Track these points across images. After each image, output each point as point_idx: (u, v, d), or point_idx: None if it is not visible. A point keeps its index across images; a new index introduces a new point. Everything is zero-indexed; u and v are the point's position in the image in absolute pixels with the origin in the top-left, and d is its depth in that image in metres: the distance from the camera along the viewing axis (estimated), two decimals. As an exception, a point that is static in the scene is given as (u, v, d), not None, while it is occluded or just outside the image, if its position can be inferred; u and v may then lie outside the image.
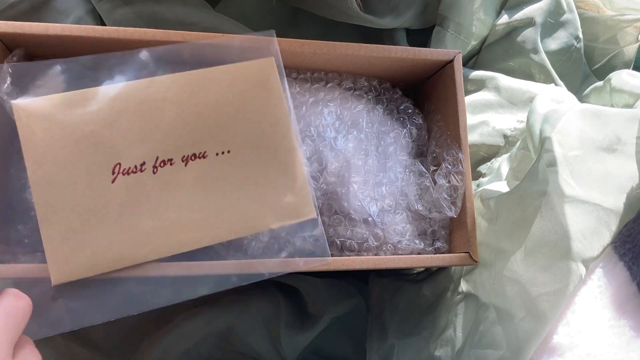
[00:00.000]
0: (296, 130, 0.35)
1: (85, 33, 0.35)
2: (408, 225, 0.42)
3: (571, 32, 0.56)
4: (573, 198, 0.35)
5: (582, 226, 0.34)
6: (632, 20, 0.56)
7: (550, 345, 0.34)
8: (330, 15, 0.52)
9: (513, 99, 0.52)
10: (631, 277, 0.33)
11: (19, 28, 0.35)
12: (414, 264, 0.39)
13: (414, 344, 0.44)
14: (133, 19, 0.46)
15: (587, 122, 0.37)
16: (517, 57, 0.56)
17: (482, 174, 0.52)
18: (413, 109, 0.46)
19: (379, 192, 0.42)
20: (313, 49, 0.39)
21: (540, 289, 0.34)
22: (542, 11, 0.55)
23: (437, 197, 0.41)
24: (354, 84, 0.45)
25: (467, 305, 0.41)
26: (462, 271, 0.43)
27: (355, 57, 0.40)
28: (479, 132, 0.52)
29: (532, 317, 0.34)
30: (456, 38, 0.56)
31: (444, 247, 0.42)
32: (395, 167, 0.43)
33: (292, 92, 0.42)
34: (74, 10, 0.47)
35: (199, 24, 0.47)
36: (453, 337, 0.41)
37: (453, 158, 0.41)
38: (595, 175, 0.35)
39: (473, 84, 0.55)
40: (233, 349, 0.50)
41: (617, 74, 0.44)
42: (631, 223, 0.34)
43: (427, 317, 0.45)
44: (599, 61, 0.60)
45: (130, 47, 0.37)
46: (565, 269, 0.34)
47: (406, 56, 0.41)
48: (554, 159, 0.36)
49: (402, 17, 0.54)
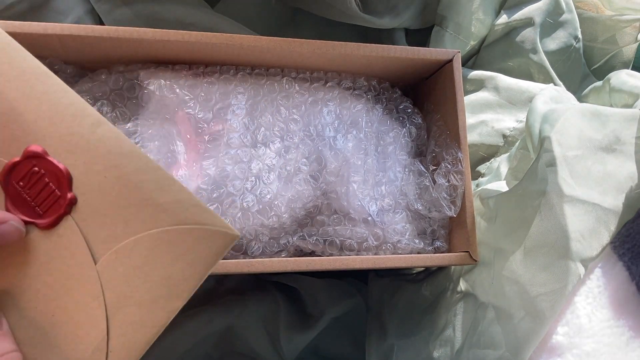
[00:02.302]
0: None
1: (84, 33, 0.35)
2: (407, 224, 0.42)
3: (570, 32, 0.56)
4: (572, 198, 0.35)
5: (581, 226, 0.34)
6: (631, 20, 0.56)
7: (549, 345, 0.34)
8: (330, 15, 0.52)
9: (512, 99, 0.52)
10: (630, 277, 0.33)
11: (18, 28, 0.35)
12: (413, 263, 0.39)
13: (413, 343, 0.44)
14: (132, 19, 0.46)
15: (586, 122, 0.37)
16: (516, 57, 0.56)
17: (481, 174, 0.52)
18: (412, 108, 0.46)
19: (379, 192, 0.42)
20: (312, 48, 0.39)
21: (539, 289, 0.34)
22: (541, 11, 0.55)
23: (436, 196, 0.41)
24: (353, 83, 0.45)
25: (466, 305, 0.41)
26: (461, 271, 0.43)
27: (355, 57, 0.40)
28: (478, 132, 0.52)
29: (531, 317, 0.34)
30: (455, 38, 0.56)
31: (444, 247, 0.42)
32: (395, 166, 0.43)
33: (291, 91, 0.42)
34: (73, 10, 0.47)
35: (198, 24, 0.47)
36: (452, 337, 0.41)
37: (452, 157, 0.41)
38: (595, 175, 0.35)
39: (472, 83, 0.55)
40: (233, 349, 0.50)
41: (616, 74, 0.44)
42: (630, 223, 0.34)
43: (427, 316, 0.45)
44: (598, 61, 0.60)
45: (129, 46, 0.37)
46: (564, 269, 0.34)
47: (405, 56, 0.41)
48: (553, 159, 0.36)
49: (401, 17, 0.54)
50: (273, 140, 0.41)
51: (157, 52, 0.39)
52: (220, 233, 0.23)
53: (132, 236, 0.23)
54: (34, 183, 0.23)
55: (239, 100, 0.41)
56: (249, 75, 0.42)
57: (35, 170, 0.23)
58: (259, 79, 0.42)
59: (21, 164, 0.23)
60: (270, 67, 0.43)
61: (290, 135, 0.41)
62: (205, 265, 0.23)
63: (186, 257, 0.23)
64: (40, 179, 0.23)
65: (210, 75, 0.41)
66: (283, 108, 0.42)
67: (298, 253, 0.41)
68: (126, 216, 0.23)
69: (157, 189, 0.23)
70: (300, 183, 0.40)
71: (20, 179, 0.23)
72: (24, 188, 0.23)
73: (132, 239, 0.23)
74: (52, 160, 0.23)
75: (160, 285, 0.23)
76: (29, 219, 0.23)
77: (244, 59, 0.41)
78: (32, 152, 0.23)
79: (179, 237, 0.23)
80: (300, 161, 0.40)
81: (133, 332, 0.23)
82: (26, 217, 0.23)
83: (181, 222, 0.23)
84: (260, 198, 0.38)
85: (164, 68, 0.40)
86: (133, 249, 0.23)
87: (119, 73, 0.40)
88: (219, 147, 0.39)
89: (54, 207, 0.23)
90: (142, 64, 0.41)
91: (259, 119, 0.41)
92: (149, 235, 0.23)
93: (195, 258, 0.23)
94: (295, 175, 0.40)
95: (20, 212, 0.23)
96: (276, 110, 0.41)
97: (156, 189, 0.23)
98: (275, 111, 0.41)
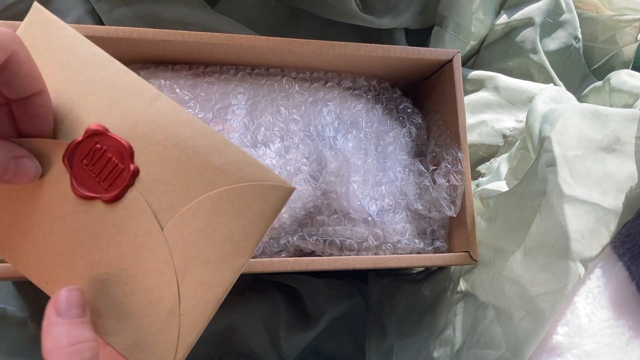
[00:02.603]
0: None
1: (84, 33, 0.35)
2: (407, 224, 0.42)
3: (570, 32, 0.56)
4: (572, 198, 0.35)
5: (581, 226, 0.34)
6: (631, 20, 0.56)
7: (549, 345, 0.34)
8: (330, 15, 0.52)
9: (512, 99, 0.52)
10: (630, 277, 0.33)
11: (18, 28, 0.35)
12: (413, 263, 0.39)
13: (413, 343, 0.44)
14: (132, 19, 0.46)
15: (586, 121, 0.37)
16: (516, 57, 0.56)
17: (481, 174, 0.52)
18: (412, 108, 0.46)
19: (379, 192, 0.42)
20: (312, 48, 0.39)
21: (539, 289, 0.34)
22: (541, 11, 0.55)
23: (436, 196, 0.41)
24: (353, 83, 0.45)
25: (466, 305, 0.41)
26: (461, 271, 0.43)
27: (355, 57, 0.40)
28: (478, 131, 0.52)
29: (531, 317, 0.34)
30: (455, 38, 0.56)
31: (444, 247, 0.42)
32: (395, 166, 0.43)
33: (291, 91, 0.42)
34: (73, 10, 0.47)
35: (198, 24, 0.47)
36: (452, 337, 0.41)
37: (452, 157, 0.41)
38: (595, 175, 0.35)
39: (472, 83, 0.55)
40: (233, 349, 0.50)
41: (616, 73, 0.44)
42: (630, 223, 0.34)
43: (427, 316, 0.45)
44: (598, 61, 0.60)
45: (129, 46, 0.37)
46: (564, 269, 0.34)
47: (405, 56, 0.41)
48: (553, 159, 0.36)
49: (401, 17, 0.54)
50: (273, 140, 0.41)
51: (157, 52, 0.39)
52: (277, 187, 0.24)
53: (194, 200, 0.24)
54: (97, 160, 0.24)
55: (239, 100, 0.41)
56: (249, 75, 0.42)
57: (98, 147, 0.24)
58: (259, 79, 0.42)
59: (83, 143, 0.24)
60: (270, 67, 0.43)
61: (290, 135, 0.41)
62: (266, 220, 0.24)
63: (247, 214, 0.24)
64: (103, 155, 0.24)
65: (210, 75, 0.41)
66: (283, 108, 0.42)
67: (298, 253, 0.41)
68: (186, 181, 0.24)
69: (214, 152, 0.24)
70: (300, 183, 0.40)
71: (83, 157, 0.24)
72: (88, 165, 0.24)
73: (195, 202, 0.24)
74: (113, 136, 0.24)
75: (224, 244, 0.24)
76: (95, 194, 0.24)
77: (244, 59, 0.41)
78: (93, 130, 0.24)
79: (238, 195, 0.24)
80: (300, 161, 0.40)
81: (202, 292, 0.24)
82: (92, 192, 0.24)
83: (239, 181, 0.24)
84: (260, 198, 0.38)
85: (164, 68, 0.40)
86: (196, 212, 0.24)
87: (119, 73, 0.40)
88: (219, 147, 0.39)
89: (118, 180, 0.24)
90: (142, 64, 0.41)
91: (259, 119, 0.41)
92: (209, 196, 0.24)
93: (255, 214, 0.24)
94: (295, 175, 0.40)
95: (85, 189, 0.24)
96: (276, 110, 0.41)
97: (213, 152, 0.24)
98: (275, 111, 0.41)
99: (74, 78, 0.24)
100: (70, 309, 0.23)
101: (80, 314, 0.23)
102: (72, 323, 0.22)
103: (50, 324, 0.22)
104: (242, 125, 0.40)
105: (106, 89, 0.24)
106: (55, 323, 0.22)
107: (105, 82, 0.24)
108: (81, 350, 0.22)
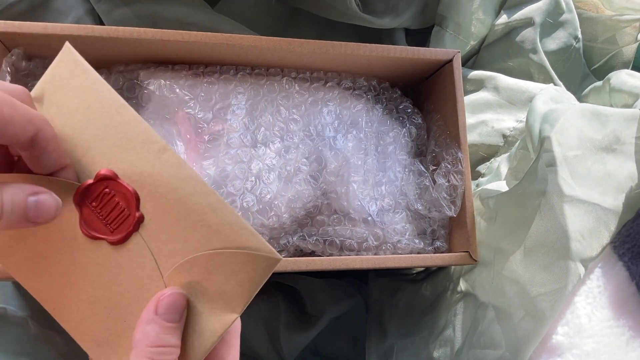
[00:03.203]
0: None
1: (84, 33, 0.35)
2: (407, 224, 0.42)
3: (570, 32, 0.56)
4: (572, 198, 0.35)
5: (581, 226, 0.34)
6: (631, 20, 0.56)
7: (549, 345, 0.34)
8: (330, 15, 0.52)
9: (512, 99, 0.52)
10: (630, 277, 0.33)
11: (18, 28, 0.35)
12: (413, 263, 0.39)
13: (413, 343, 0.44)
14: (132, 19, 0.46)
15: (586, 121, 0.37)
16: (516, 57, 0.56)
17: (481, 174, 0.52)
18: (412, 108, 0.46)
19: (379, 192, 0.42)
20: (312, 48, 0.39)
21: (539, 289, 0.34)
22: (541, 11, 0.55)
23: (436, 196, 0.41)
24: (353, 83, 0.44)
25: (466, 305, 0.41)
26: (461, 271, 0.43)
27: (355, 57, 0.40)
28: (478, 131, 0.52)
29: (531, 317, 0.34)
30: (455, 38, 0.56)
31: (444, 247, 0.42)
32: (395, 166, 0.43)
33: (291, 91, 0.42)
34: (73, 10, 0.47)
35: (198, 24, 0.47)
36: (452, 337, 0.41)
37: (452, 157, 0.41)
38: (595, 175, 0.35)
39: (472, 83, 0.55)
40: (232, 348, 0.50)
41: (616, 73, 0.44)
42: (630, 223, 0.34)
43: (427, 316, 0.45)
44: (598, 61, 0.60)
45: (129, 46, 0.37)
46: (564, 269, 0.34)
47: (405, 56, 0.41)
48: (553, 159, 0.36)
49: (401, 17, 0.54)
50: (273, 140, 0.41)
51: (157, 52, 0.39)
52: (263, 257, 0.25)
53: (191, 254, 0.25)
54: (105, 203, 0.25)
55: (239, 100, 0.41)
56: (249, 75, 0.42)
57: (107, 192, 0.25)
58: (259, 79, 0.42)
59: (94, 186, 0.25)
60: (270, 67, 0.43)
61: (290, 135, 0.41)
62: (253, 285, 0.26)
63: (236, 277, 0.25)
64: (111, 200, 0.25)
65: (210, 75, 0.41)
66: (283, 108, 0.42)
67: (298, 253, 0.41)
68: (185, 235, 0.25)
69: (211, 211, 0.25)
70: (300, 183, 0.40)
71: (93, 199, 0.25)
72: (97, 207, 0.25)
73: (191, 257, 0.25)
74: (122, 182, 0.25)
75: (217, 299, 0.25)
76: (101, 235, 0.25)
77: (244, 59, 0.41)
78: (103, 175, 0.25)
79: (229, 259, 0.25)
80: (300, 161, 0.40)
81: (193, 339, 0.25)
82: (99, 233, 0.25)
83: (230, 244, 0.25)
84: (260, 198, 0.38)
85: (164, 68, 0.40)
86: (192, 266, 0.25)
87: (118, 73, 0.40)
88: (219, 147, 0.39)
89: (124, 225, 0.25)
90: (142, 64, 0.41)
91: (259, 119, 0.41)
92: (203, 255, 0.25)
93: (244, 279, 0.25)
94: (295, 175, 0.40)
95: (93, 229, 0.25)
96: (276, 110, 0.41)
97: (209, 212, 0.25)
98: (275, 111, 0.41)
99: (93, 122, 0.25)
100: (168, 312, 0.24)
101: (176, 319, 0.24)
102: (164, 325, 0.24)
103: (148, 318, 0.24)
104: (242, 125, 0.40)
105: (120, 135, 0.25)
106: (151, 320, 0.24)
107: (120, 129, 0.25)
108: (162, 354, 0.23)
